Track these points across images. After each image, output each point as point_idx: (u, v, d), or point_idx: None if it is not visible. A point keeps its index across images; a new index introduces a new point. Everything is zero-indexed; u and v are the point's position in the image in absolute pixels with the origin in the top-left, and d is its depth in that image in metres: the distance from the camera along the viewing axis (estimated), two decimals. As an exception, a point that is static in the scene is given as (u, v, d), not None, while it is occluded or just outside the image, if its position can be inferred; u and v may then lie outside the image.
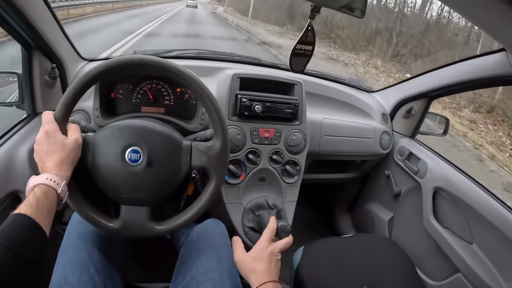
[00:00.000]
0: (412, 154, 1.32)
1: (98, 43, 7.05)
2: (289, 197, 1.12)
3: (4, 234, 0.49)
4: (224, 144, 0.74)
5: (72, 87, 0.68)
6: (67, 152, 0.65)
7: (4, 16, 0.79)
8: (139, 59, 0.70)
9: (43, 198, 0.56)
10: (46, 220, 0.55)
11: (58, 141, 0.64)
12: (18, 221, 0.52)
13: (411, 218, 1.30)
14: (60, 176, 0.61)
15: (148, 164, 0.70)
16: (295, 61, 0.83)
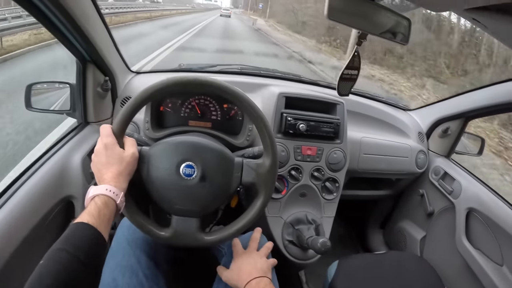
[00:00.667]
0: (447, 174, 1.34)
1: (136, 52, 7.17)
2: (328, 213, 1.16)
3: (68, 241, 0.52)
4: (273, 162, 0.79)
5: (131, 104, 0.73)
6: (124, 165, 0.68)
7: (65, 33, 0.86)
8: (194, 78, 0.76)
9: (103, 208, 0.59)
10: (106, 229, 0.58)
11: (116, 154, 0.68)
12: (81, 230, 0.55)
13: (443, 237, 1.32)
14: (118, 187, 0.64)
15: (202, 179, 0.73)
16: (342, 86, 0.88)
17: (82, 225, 0.55)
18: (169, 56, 7.40)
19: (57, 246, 0.51)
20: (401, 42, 0.78)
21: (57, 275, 0.47)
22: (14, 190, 0.79)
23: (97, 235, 0.55)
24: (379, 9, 0.71)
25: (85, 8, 0.86)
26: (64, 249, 0.50)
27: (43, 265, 0.48)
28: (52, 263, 0.48)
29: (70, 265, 0.49)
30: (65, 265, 0.48)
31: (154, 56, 7.30)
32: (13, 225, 0.74)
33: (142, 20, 16.23)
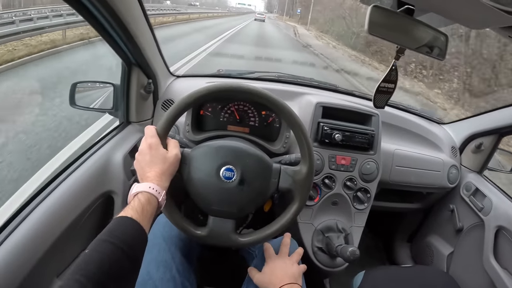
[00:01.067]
0: (478, 190, 1.35)
1: (171, 54, 7.35)
2: (358, 222, 1.19)
3: (113, 233, 0.54)
4: (310, 170, 0.82)
5: (176, 107, 0.77)
6: (167, 165, 0.71)
7: (115, 37, 0.92)
8: (239, 86, 0.80)
9: (147, 205, 0.62)
10: (148, 225, 0.61)
11: (160, 154, 0.71)
12: (126, 223, 0.57)
13: (471, 255, 1.32)
14: (161, 186, 0.67)
15: (240, 182, 0.77)
16: (378, 98, 0.90)
17: (126, 219, 0.57)
18: (202, 61, 7.58)
19: (101, 237, 0.53)
20: (437, 57, 0.79)
21: (101, 264, 0.49)
22: (59, 182, 0.84)
23: (140, 229, 0.57)
24: (417, 24, 0.74)
25: (134, 13, 0.91)
26: (108, 240, 0.52)
27: (88, 254, 0.50)
28: (96, 252, 0.50)
29: (114, 255, 0.51)
30: (109, 255, 0.51)
31: (188, 59, 7.50)
32: (57, 215, 0.78)
33: (178, 22, 16.76)
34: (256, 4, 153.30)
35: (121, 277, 0.51)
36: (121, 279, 0.51)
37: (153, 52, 1.11)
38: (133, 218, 0.57)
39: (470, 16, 0.67)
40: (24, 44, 6.10)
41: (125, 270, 0.53)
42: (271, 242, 0.97)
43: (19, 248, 0.66)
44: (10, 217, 0.72)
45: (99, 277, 0.48)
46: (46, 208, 0.76)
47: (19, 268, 0.65)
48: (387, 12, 0.71)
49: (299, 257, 0.90)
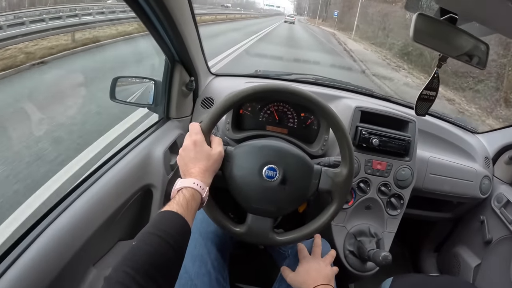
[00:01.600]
0: (510, 202, 1.37)
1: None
2: (390, 228, 1.20)
3: (159, 227, 0.55)
4: (350, 173, 0.84)
5: (221, 105, 0.80)
6: (211, 162, 0.73)
7: (162, 34, 0.95)
8: (285, 87, 0.82)
9: (191, 200, 0.63)
10: (191, 220, 0.62)
11: (205, 151, 0.73)
12: (172, 217, 0.58)
13: (498, 268, 1.33)
14: (205, 182, 0.68)
15: (282, 182, 0.78)
16: (420, 105, 0.92)
17: (172, 214, 0.59)
18: (231, 62, 7.66)
19: (148, 230, 0.55)
20: (477, 66, 0.81)
21: (149, 256, 0.50)
22: (102, 173, 0.88)
23: (184, 224, 0.59)
24: (459, 33, 0.75)
25: (185, 12, 0.95)
26: (154, 233, 0.54)
27: (135, 246, 0.52)
28: (144, 245, 0.52)
29: (161, 248, 0.52)
30: (157, 248, 0.52)
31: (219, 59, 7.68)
32: (99, 205, 0.81)
33: (215, 21, 17.44)
34: (284, 6, 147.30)
35: (167, 269, 0.53)
36: (167, 271, 0.53)
37: (196, 51, 1.14)
38: (179, 212, 0.59)
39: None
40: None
41: (171, 262, 0.54)
42: (304, 243, 0.99)
43: (61, 236, 0.69)
44: (54, 205, 0.75)
45: (147, 269, 0.49)
46: (89, 197, 0.79)
47: (59, 255, 0.67)
48: (431, 20, 0.73)
49: (332, 259, 0.93)
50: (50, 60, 4.81)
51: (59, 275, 0.65)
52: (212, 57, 7.10)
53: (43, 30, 5.24)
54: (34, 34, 4.98)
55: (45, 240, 0.66)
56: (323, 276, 0.83)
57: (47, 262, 0.64)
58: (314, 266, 0.86)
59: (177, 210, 0.59)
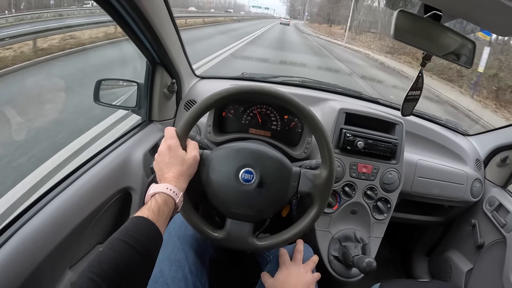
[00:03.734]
0: (502, 206, 1.33)
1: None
2: (376, 233, 1.18)
3: (128, 233, 0.55)
4: (330, 174, 0.81)
5: (196, 108, 0.78)
6: (186, 167, 0.72)
7: (140, 36, 0.94)
8: (260, 88, 0.80)
9: (163, 206, 0.62)
10: (163, 226, 0.61)
11: (179, 156, 0.72)
12: (141, 223, 0.58)
13: (490, 272, 1.30)
14: (179, 187, 0.68)
15: (259, 185, 0.76)
16: (406, 106, 0.90)
17: (142, 219, 0.58)
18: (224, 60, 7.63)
19: (117, 236, 0.54)
20: (464, 64, 0.79)
21: (115, 263, 0.50)
22: (79, 175, 0.86)
23: (155, 230, 0.58)
24: (444, 31, 0.73)
25: (160, 14, 0.94)
26: (123, 239, 0.53)
27: (102, 252, 0.51)
28: (111, 251, 0.51)
29: (128, 255, 0.52)
30: (124, 255, 0.51)
31: (210, 58, 7.65)
32: (74, 206, 0.79)
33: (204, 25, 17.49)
34: (275, 7, 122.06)
35: (134, 276, 0.52)
36: (134, 279, 0.52)
37: (177, 53, 1.12)
38: (149, 218, 0.58)
39: (499, 22, 0.67)
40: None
41: (139, 269, 0.53)
42: (286, 248, 0.97)
43: (33, 238, 0.68)
44: (27, 207, 0.74)
45: (112, 276, 0.48)
46: (64, 199, 0.78)
47: (31, 257, 0.66)
48: (413, 17, 0.71)
49: (314, 265, 0.90)
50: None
51: (31, 277, 0.64)
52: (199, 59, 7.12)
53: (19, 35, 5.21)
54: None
55: (16, 242, 0.64)
56: (303, 283, 0.81)
57: (19, 263, 0.63)
58: (293, 272, 0.83)
59: (147, 216, 0.58)
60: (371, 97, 1.44)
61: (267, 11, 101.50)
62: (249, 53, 10.37)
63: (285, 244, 0.84)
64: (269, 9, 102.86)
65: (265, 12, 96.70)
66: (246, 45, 12.25)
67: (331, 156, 0.79)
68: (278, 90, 0.79)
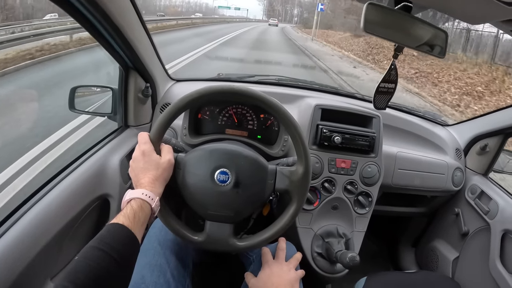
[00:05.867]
0: (484, 193, 1.32)
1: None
2: (359, 227, 1.17)
3: (103, 240, 0.54)
4: (306, 170, 0.80)
5: (167, 112, 0.76)
6: (161, 171, 0.71)
7: (110, 41, 0.92)
8: (231, 88, 0.78)
9: (139, 212, 0.62)
10: (140, 231, 0.61)
11: (153, 160, 0.71)
12: (116, 230, 0.57)
13: (477, 260, 1.29)
14: (154, 192, 0.67)
15: (235, 185, 0.75)
16: (379, 99, 0.89)
17: (117, 226, 0.57)
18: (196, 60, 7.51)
19: (92, 244, 0.53)
20: (438, 55, 0.78)
21: (90, 271, 0.49)
22: (55, 183, 0.85)
23: (131, 236, 0.58)
24: (415, 22, 0.72)
25: (129, 18, 0.92)
26: (98, 247, 0.52)
27: (77, 261, 0.51)
28: (85, 259, 0.51)
29: (104, 263, 0.51)
30: (99, 263, 0.51)
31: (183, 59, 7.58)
32: (52, 216, 0.78)
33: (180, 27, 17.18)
34: (249, 7, 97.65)
35: (111, 284, 0.52)
36: (110, 286, 0.52)
37: (150, 56, 1.11)
38: (124, 225, 0.58)
39: (470, 11, 0.67)
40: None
41: (115, 277, 0.53)
42: (269, 247, 0.96)
43: (11, 249, 0.66)
44: (4, 219, 0.72)
45: (88, 284, 0.48)
46: (40, 209, 0.76)
47: (9, 268, 0.65)
48: (383, 10, 0.70)
49: (297, 263, 0.89)
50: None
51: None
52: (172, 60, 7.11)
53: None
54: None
55: None
56: (286, 281, 0.80)
57: None
58: (276, 271, 0.82)
59: (123, 222, 0.58)
60: (348, 92, 1.44)
61: (239, 12, 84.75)
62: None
63: (266, 243, 0.83)
64: (240, 9, 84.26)
65: (240, 15, 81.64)
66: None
67: (306, 152, 0.78)
68: (249, 89, 0.77)
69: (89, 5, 0.72)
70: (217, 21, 34.02)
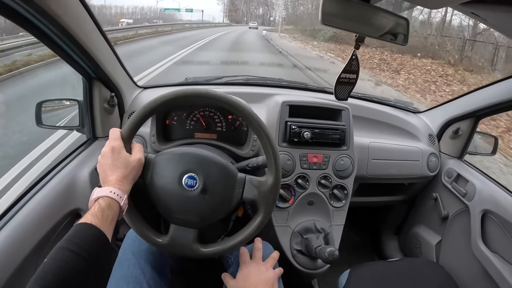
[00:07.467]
0: (460, 176, 1.32)
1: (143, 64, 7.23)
2: (337, 221, 1.15)
3: (71, 240, 0.53)
4: (276, 181, 0.78)
5: (140, 111, 0.75)
6: (130, 169, 0.70)
7: (68, 51, 0.89)
8: (194, 91, 0.76)
9: (107, 210, 0.61)
10: (109, 230, 0.60)
11: (123, 158, 0.70)
12: (85, 230, 0.56)
13: (459, 242, 1.30)
14: (122, 190, 0.66)
15: (203, 191, 0.74)
16: (340, 89, 0.88)
17: (85, 225, 0.56)
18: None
19: (60, 245, 0.53)
20: (401, 43, 0.77)
21: (60, 272, 0.49)
22: (24, 203, 0.82)
23: (100, 235, 0.57)
24: (375, 11, 0.70)
25: (86, 28, 0.89)
26: (66, 247, 0.52)
27: (46, 262, 0.50)
28: (56, 260, 0.50)
29: (73, 263, 0.51)
30: (68, 263, 0.50)
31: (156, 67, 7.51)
32: (22, 236, 0.76)
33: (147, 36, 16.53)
34: (205, 8, 75.28)
35: (82, 284, 0.51)
36: (82, 286, 0.51)
37: (113, 66, 1.08)
38: (92, 223, 0.57)
39: None
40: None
41: (87, 276, 0.52)
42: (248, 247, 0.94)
43: None
44: None
45: (59, 285, 0.48)
46: (10, 231, 0.75)
47: None
48: (341, 1, 0.68)
49: (275, 261, 0.88)
50: None
51: None
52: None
53: None
54: None
55: None
56: (264, 280, 0.79)
57: None
58: (253, 271, 0.81)
59: (91, 221, 0.57)
60: (318, 87, 1.44)
61: (190, 14, 66.67)
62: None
63: (230, 251, 0.82)
64: (193, 11, 62.40)
65: (195, 20, 62.54)
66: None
67: (277, 162, 0.76)
68: (213, 91, 0.76)
69: (41, 17, 0.70)
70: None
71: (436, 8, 0.72)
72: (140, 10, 76.39)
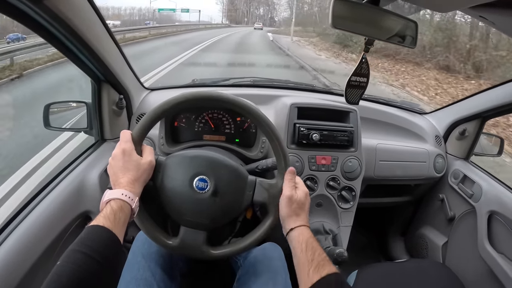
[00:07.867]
0: (467, 177, 1.32)
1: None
2: (345, 222, 1.16)
3: (84, 243, 0.53)
4: None
5: (151, 113, 0.74)
6: (141, 172, 0.69)
7: (78, 54, 0.89)
8: (203, 93, 0.76)
9: (119, 212, 0.61)
10: (121, 232, 0.60)
11: (134, 160, 0.69)
12: (97, 232, 0.56)
13: (465, 243, 1.29)
14: (134, 192, 0.65)
15: (214, 193, 0.74)
16: (350, 93, 0.88)
17: (97, 228, 0.56)
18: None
19: (73, 248, 0.53)
20: (409, 45, 0.77)
21: (73, 274, 0.49)
22: (34, 205, 0.82)
23: (112, 237, 0.57)
24: (384, 14, 0.71)
25: (96, 30, 0.89)
26: (79, 250, 0.52)
27: (59, 265, 0.50)
28: (69, 263, 0.50)
29: (86, 265, 0.51)
30: (81, 266, 0.50)
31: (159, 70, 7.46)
32: (33, 238, 0.77)
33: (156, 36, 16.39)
34: (202, 8, 72.69)
35: (95, 286, 0.51)
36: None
37: (121, 68, 1.08)
38: (105, 226, 0.57)
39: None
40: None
41: (99, 279, 0.52)
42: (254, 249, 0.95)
43: None
44: None
45: (71, 287, 0.48)
46: (20, 234, 0.75)
47: None
48: (351, 4, 0.68)
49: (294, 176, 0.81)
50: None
51: None
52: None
53: None
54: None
55: None
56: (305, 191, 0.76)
57: None
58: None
59: (103, 223, 0.57)
60: (324, 88, 1.44)
61: (187, 14, 61.54)
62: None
63: (240, 253, 0.82)
64: (189, 11, 56.32)
65: (194, 20, 59.40)
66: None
67: (287, 164, 0.76)
68: (223, 93, 0.76)
69: (53, 20, 0.70)
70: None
71: (446, 11, 0.73)
72: (138, 12, 73.51)
